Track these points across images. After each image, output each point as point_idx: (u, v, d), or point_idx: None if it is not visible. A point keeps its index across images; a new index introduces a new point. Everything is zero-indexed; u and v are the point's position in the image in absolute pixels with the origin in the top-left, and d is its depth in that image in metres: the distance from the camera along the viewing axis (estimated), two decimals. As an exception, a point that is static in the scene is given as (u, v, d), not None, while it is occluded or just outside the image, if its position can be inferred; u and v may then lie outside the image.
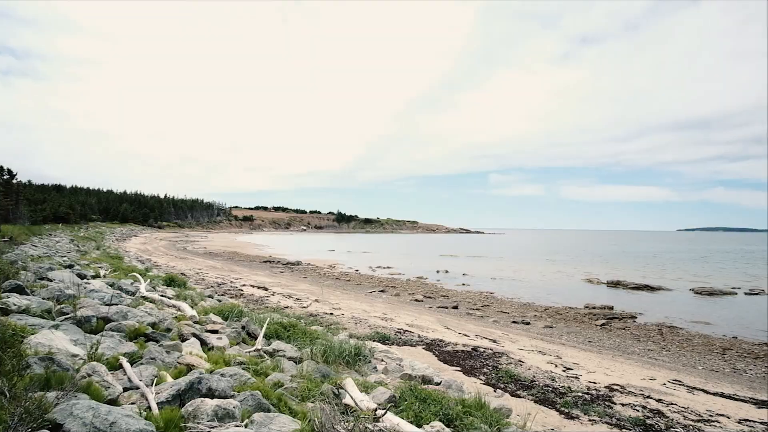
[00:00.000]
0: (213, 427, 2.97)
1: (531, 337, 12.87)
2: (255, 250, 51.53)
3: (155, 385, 3.54)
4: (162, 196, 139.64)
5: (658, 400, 6.84)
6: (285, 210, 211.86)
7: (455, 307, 18.03)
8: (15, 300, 5.31)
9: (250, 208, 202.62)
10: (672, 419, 5.93)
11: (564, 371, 8.33)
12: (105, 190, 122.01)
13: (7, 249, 14.12)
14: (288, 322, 7.53)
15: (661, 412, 6.18)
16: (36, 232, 32.34)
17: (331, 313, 12.89)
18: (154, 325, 5.72)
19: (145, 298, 8.17)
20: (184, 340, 5.38)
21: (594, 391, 6.99)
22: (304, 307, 13.73)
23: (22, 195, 55.44)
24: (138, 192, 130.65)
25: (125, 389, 3.44)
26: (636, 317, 17.30)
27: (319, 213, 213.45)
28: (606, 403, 6.41)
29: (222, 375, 3.92)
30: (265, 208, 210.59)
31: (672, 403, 6.74)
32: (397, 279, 28.34)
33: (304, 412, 3.55)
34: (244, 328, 6.93)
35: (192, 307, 8.10)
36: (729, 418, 6.29)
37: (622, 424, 5.53)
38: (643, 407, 6.35)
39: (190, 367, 4.11)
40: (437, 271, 33.76)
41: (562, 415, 5.66)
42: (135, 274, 11.74)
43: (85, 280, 8.66)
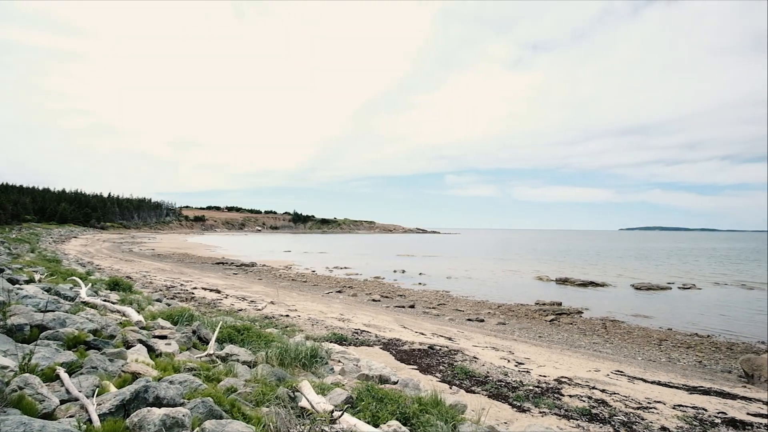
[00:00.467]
0: (161, 438, 2.83)
1: (485, 333, 13.22)
2: (207, 252, 49.80)
3: (97, 395, 3.32)
4: (105, 195, 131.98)
5: (603, 391, 7.21)
6: (239, 210, 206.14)
7: (412, 307, 18.21)
8: (-66, 308, 4.84)
9: (202, 208, 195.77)
10: (615, 408, 6.27)
11: (516, 366, 8.61)
12: (41, 188, 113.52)
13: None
14: (242, 326, 7.32)
15: (605, 402, 6.52)
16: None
17: (287, 315, 12.67)
18: (96, 332, 5.38)
19: (86, 304, 7.68)
20: (129, 347, 5.10)
21: (544, 385, 7.26)
22: (259, 309, 13.41)
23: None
24: (79, 190, 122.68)
25: (63, 402, 3.20)
26: (582, 312, 18.19)
27: (275, 213, 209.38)
28: (555, 395, 6.68)
29: (171, 382, 3.74)
30: (217, 208, 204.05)
31: (615, 393, 7.12)
32: (355, 279, 28.29)
33: (258, 418, 3.46)
34: (195, 332, 6.66)
35: (138, 312, 7.70)
36: (665, 404, 6.73)
37: (570, 414, 5.79)
38: (589, 398, 6.68)
39: (135, 376, 3.89)
40: (394, 271, 34.00)
41: (515, 409, 5.85)
42: (75, 278, 11.01)
43: (17, 286, 8.00)
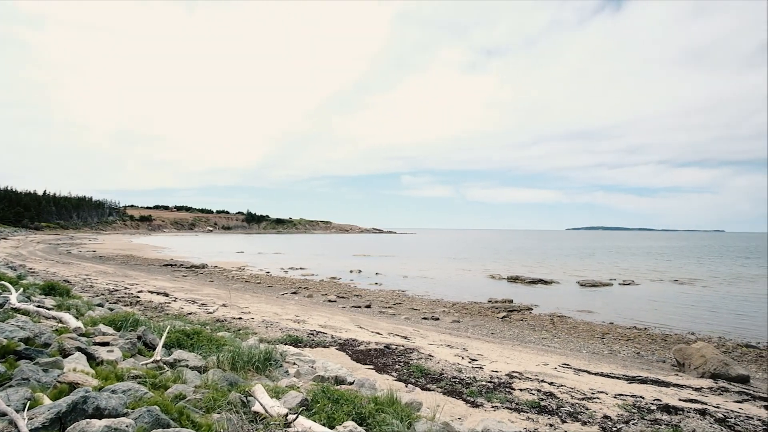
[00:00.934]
0: (101, 451, 2.66)
1: (440, 331, 13.45)
2: (154, 253, 47.55)
3: (28, 409, 3.07)
4: (40, 193, 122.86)
5: (551, 383, 7.52)
6: (189, 210, 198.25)
7: (368, 306, 18.24)
8: None
9: (149, 208, 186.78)
10: (562, 399, 6.56)
11: (470, 362, 8.82)
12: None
13: None
14: (192, 330, 7.04)
15: (553, 394, 6.81)
16: None
17: (240, 318, 12.32)
18: (27, 340, 4.99)
19: (16, 310, 7.11)
20: (66, 356, 4.76)
21: (496, 380, 7.48)
22: (210, 312, 12.96)
23: None
24: (9, 188, 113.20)
25: (-12, 417, 2.95)
26: (532, 309, 18.92)
27: (227, 213, 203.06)
28: (507, 389, 6.90)
29: (113, 391, 3.53)
30: (166, 208, 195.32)
31: (562, 385, 7.45)
32: (310, 280, 27.97)
33: (209, 425, 3.33)
34: (140, 338, 6.33)
35: (77, 317, 7.22)
36: (607, 394, 7.11)
37: (521, 407, 5.99)
38: (538, 391, 6.95)
39: (73, 386, 3.64)
40: (350, 271, 33.93)
41: (468, 404, 5.99)
42: (3, 282, 10.17)
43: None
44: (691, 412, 6.18)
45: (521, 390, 6.91)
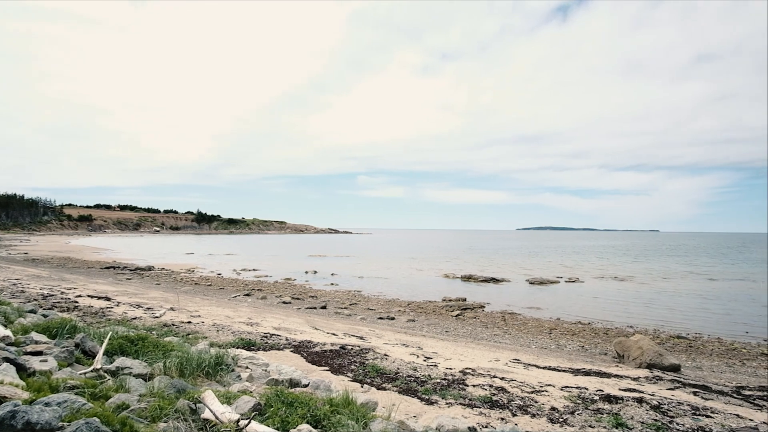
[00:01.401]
0: (32, 469, 2.47)
1: (395, 331, 13.55)
2: (95, 255, 44.83)
3: (-53, 427, 2.80)
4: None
5: (502, 378, 7.76)
6: (134, 209, 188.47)
7: (324, 307, 18.08)
8: None
9: (89, 207, 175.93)
10: (512, 393, 6.78)
11: (425, 361, 8.94)
12: None
13: None
14: (136, 335, 6.67)
15: (504, 389, 7.03)
16: None
17: (190, 322, 11.84)
18: (-54, 351, 4.54)
19: (-67, 319, 6.47)
20: (-8, 367, 4.38)
21: (450, 377, 7.63)
22: (157, 317, 12.36)
23: None
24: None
25: None
26: (484, 307, 19.46)
27: (176, 213, 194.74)
28: (460, 386, 7.04)
29: (47, 404, 3.27)
30: (108, 207, 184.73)
31: (513, 380, 7.71)
32: (264, 281, 27.39)
33: (154, 435, 3.17)
34: (78, 346, 5.93)
35: (5, 325, 6.66)
36: (554, 386, 7.43)
37: (474, 403, 6.14)
38: (490, 386, 7.14)
39: (0, 400, 3.35)
40: (306, 272, 33.52)
41: (423, 402, 6.06)
42: None
43: None
44: (630, 400, 6.57)
45: (474, 386, 7.08)
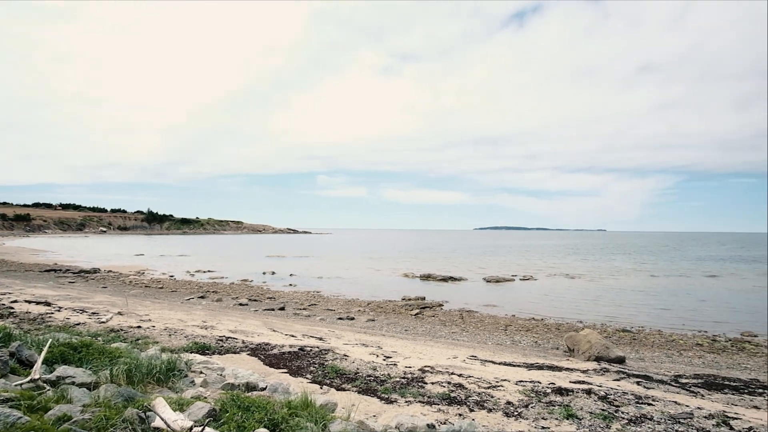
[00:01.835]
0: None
1: (355, 331, 13.51)
2: (33, 257, 41.93)
3: None
4: None
5: (460, 375, 7.91)
6: (78, 208, 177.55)
7: (282, 309, 17.78)
8: None
9: (27, 205, 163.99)
10: (470, 389, 6.92)
11: (384, 360, 8.96)
12: None
13: None
14: (80, 342, 6.28)
15: (462, 385, 7.16)
16: None
17: (139, 326, 11.29)
18: None
19: None
20: None
21: (409, 375, 7.69)
22: (103, 322, 11.71)
23: None
24: None
25: None
26: (443, 305, 19.77)
27: (124, 212, 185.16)
28: (419, 384, 7.11)
29: (-25, 419, 3.02)
30: (48, 206, 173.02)
31: (470, 376, 7.87)
32: (220, 283, 26.59)
33: (99, 446, 2.99)
34: (13, 355, 5.50)
35: (-72, 334, 6.08)
36: (510, 381, 7.65)
37: (432, 400, 6.22)
38: (449, 383, 7.26)
39: None
40: (263, 273, 32.85)
41: (383, 401, 6.07)
42: None
43: None
44: (580, 392, 6.87)
45: (433, 383, 7.17)
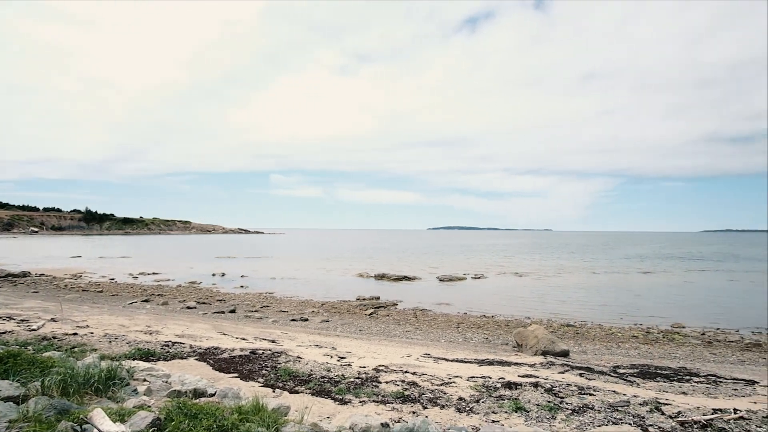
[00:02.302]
0: None
1: (309, 332, 13.34)
2: (-49, 261, 38.23)
3: None
4: None
5: (413, 373, 7.99)
6: (5, 206, 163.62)
7: (233, 311, 17.27)
8: None
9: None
10: (423, 387, 7.01)
11: (338, 361, 8.90)
12: None
13: None
14: (6, 352, 5.78)
15: (416, 383, 7.24)
16: None
17: (75, 333, 10.56)
18: None
19: None
20: None
21: (364, 375, 7.68)
22: (34, 329, 10.85)
23: None
24: None
25: None
26: (397, 304, 19.93)
27: (59, 211, 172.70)
28: (374, 383, 7.12)
29: None
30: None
31: (423, 374, 7.97)
32: (165, 285, 25.41)
33: (28, 464, 2.76)
34: (-74, 368, 4.98)
35: None
36: (462, 377, 7.82)
37: (387, 399, 6.24)
38: (403, 381, 7.32)
39: None
40: (213, 275, 31.76)
41: (337, 402, 6.02)
42: None
43: None
44: (527, 385, 7.14)
45: (387, 382, 7.20)
